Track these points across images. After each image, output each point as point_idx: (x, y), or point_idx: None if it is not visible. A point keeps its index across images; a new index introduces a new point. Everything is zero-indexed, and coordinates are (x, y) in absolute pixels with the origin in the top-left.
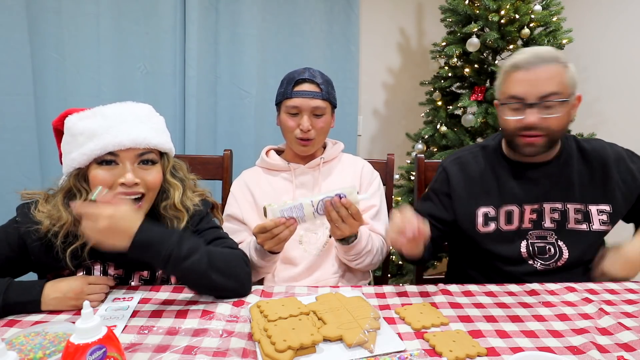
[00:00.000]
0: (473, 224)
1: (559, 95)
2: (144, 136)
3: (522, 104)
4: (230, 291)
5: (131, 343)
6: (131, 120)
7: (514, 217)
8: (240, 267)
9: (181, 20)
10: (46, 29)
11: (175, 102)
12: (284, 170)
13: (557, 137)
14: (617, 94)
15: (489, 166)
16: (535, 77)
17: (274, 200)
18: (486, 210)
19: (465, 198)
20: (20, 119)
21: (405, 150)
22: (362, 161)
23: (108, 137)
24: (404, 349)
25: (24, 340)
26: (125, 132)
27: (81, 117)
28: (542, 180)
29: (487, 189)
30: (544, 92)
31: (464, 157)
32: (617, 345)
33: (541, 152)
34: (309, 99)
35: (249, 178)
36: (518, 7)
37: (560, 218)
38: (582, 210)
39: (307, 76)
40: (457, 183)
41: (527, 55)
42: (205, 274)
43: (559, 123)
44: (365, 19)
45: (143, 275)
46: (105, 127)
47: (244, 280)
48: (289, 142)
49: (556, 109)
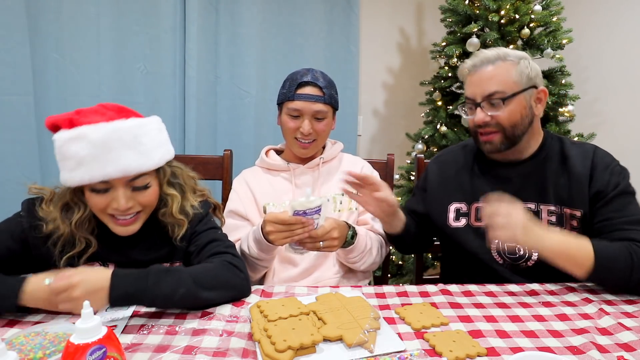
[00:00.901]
0: (445, 218)
1: (502, 93)
2: (132, 166)
3: (473, 104)
4: (230, 300)
5: (131, 343)
6: (118, 147)
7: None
8: (231, 274)
9: (181, 20)
10: (46, 29)
11: (175, 102)
12: (283, 171)
13: (514, 133)
14: (617, 94)
15: (465, 164)
16: (479, 78)
17: (274, 199)
18: (458, 206)
19: (439, 193)
20: (20, 119)
21: (405, 151)
22: (361, 161)
23: (96, 167)
24: (404, 349)
25: (24, 340)
26: (113, 161)
27: (69, 139)
28: (515, 179)
29: (460, 185)
30: (486, 91)
31: (444, 155)
32: (617, 345)
33: (501, 148)
34: (311, 102)
35: (249, 176)
36: (518, 7)
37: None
38: (556, 212)
39: (310, 79)
40: (433, 179)
41: (475, 59)
42: (198, 298)
43: (509, 119)
44: (365, 19)
45: None
46: (93, 156)
47: (240, 285)
48: (288, 143)
49: (502, 106)
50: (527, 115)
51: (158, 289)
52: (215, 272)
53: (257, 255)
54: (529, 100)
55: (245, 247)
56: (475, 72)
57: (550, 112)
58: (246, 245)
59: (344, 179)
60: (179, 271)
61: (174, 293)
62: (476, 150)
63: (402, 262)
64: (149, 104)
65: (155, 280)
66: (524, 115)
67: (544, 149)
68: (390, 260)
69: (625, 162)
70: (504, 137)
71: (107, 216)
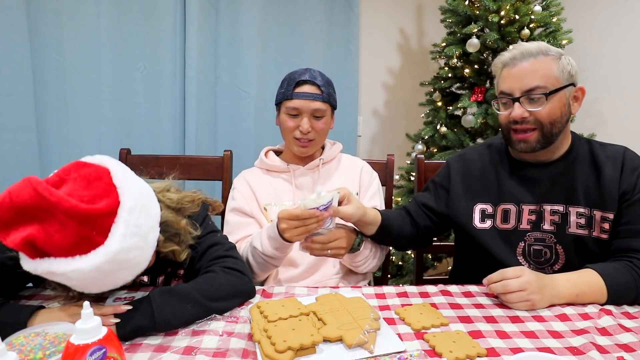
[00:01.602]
0: (470, 220)
1: (544, 88)
2: (129, 279)
3: (510, 99)
4: (239, 303)
5: (131, 343)
6: (98, 277)
7: (511, 216)
8: (236, 279)
9: (181, 20)
10: (46, 29)
11: (175, 102)
12: (283, 172)
13: (552, 131)
14: (617, 94)
15: (491, 164)
16: (518, 72)
17: (275, 200)
18: (484, 207)
19: (463, 194)
20: (20, 120)
21: (405, 151)
22: (361, 162)
23: (78, 288)
24: (404, 349)
25: (24, 340)
26: (97, 289)
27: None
28: (544, 181)
29: (486, 186)
30: (527, 86)
31: (468, 154)
32: (616, 346)
33: (537, 148)
34: (309, 100)
35: (249, 177)
36: (518, 7)
37: (561, 221)
38: (585, 214)
39: (308, 77)
40: (457, 178)
41: (514, 52)
42: (208, 309)
43: (548, 116)
44: (365, 20)
45: (143, 280)
46: (77, 287)
47: (247, 289)
48: (287, 142)
49: (542, 102)
50: (566, 113)
51: (161, 314)
52: (220, 282)
53: (271, 254)
54: (568, 97)
55: (259, 245)
56: (515, 65)
57: None
58: (259, 243)
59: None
60: (184, 291)
61: (183, 311)
62: (503, 150)
63: (402, 262)
64: (148, 104)
65: (160, 305)
66: (563, 113)
67: (574, 149)
68: (390, 260)
69: None
70: (541, 136)
71: None
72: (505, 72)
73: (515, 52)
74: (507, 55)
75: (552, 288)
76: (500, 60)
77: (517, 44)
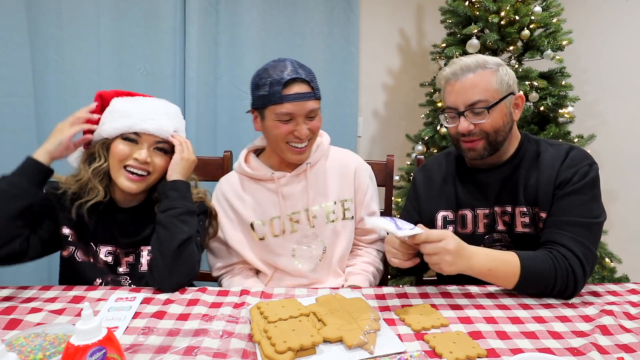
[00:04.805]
0: (434, 227)
1: (485, 102)
2: (165, 129)
3: (456, 113)
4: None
5: (132, 344)
6: (161, 113)
7: (468, 222)
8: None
9: (181, 21)
10: (46, 31)
11: (175, 103)
12: (267, 180)
13: (497, 139)
14: (617, 95)
15: (449, 172)
16: (460, 87)
17: (260, 215)
18: (445, 213)
19: (427, 202)
20: (20, 121)
21: (405, 152)
22: (353, 160)
23: (137, 120)
24: (404, 350)
25: (24, 341)
26: (152, 120)
27: (125, 100)
28: (493, 184)
29: (446, 193)
30: (469, 100)
31: (429, 164)
32: (617, 347)
33: (484, 155)
34: (303, 102)
35: (227, 188)
36: (518, 8)
37: (510, 221)
38: (528, 213)
39: (294, 75)
40: (421, 188)
41: (454, 67)
42: (184, 241)
43: (492, 126)
44: (365, 21)
45: (129, 260)
46: (138, 112)
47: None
48: (279, 151)
49: (485, 115)
50: (508, 121)
51: (183, 204)
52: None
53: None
54: (509, 106)
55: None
56: (457, 80)
57: (550, 113)
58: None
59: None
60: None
61: (188, 214)
62: (458, 158)
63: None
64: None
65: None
66: (506, 121)
67: (520, 151)
68: None
69: (625, 163)
70: (487, 144)
71: (122, 169)
72: (449, 88)
73: (456, 67)
74: (448, 70)
75: (468, 259)
76: (443, 75)
77: (457, 58)
